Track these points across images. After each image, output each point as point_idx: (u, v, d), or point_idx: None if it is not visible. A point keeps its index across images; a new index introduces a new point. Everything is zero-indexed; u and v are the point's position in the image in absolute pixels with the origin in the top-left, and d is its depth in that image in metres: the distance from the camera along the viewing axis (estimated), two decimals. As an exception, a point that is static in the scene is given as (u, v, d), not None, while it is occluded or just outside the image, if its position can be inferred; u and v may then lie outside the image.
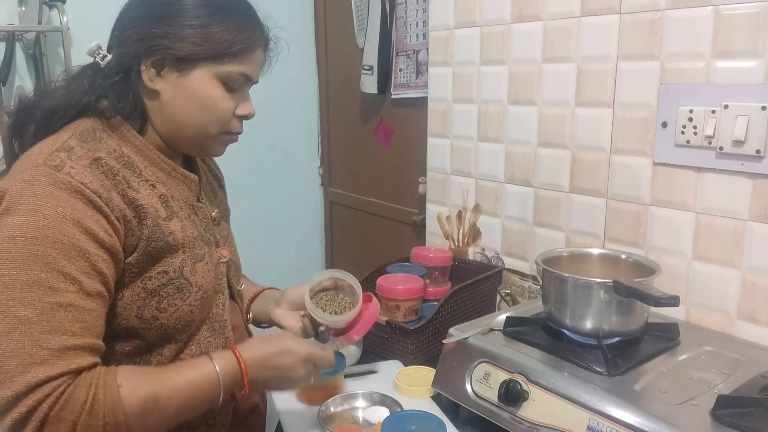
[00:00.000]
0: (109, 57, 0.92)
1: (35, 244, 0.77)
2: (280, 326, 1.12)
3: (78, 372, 0.78)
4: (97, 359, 0.81)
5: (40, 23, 1.75)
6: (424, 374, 1.19)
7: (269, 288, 1.21)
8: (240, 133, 0.99)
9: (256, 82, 0.99)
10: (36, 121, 0.91)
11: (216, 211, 1.06)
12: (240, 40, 0.92)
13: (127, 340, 0.91)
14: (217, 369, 0.86)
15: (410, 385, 1.16)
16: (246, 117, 0.98)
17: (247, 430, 1.10)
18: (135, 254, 0.87)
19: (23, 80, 1.88)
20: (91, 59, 0.94)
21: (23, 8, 1.82)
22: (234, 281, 1.08)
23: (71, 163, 0.83)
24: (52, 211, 0.79)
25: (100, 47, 0.93)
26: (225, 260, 1.03)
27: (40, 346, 0.75)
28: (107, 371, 0.80)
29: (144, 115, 0.94)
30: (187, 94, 0.91)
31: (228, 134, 0.97)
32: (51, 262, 0.77)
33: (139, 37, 0.89)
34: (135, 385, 0.80)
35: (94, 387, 0.78)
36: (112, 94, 0.91)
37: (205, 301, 0.96)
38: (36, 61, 1.85)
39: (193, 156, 1.05)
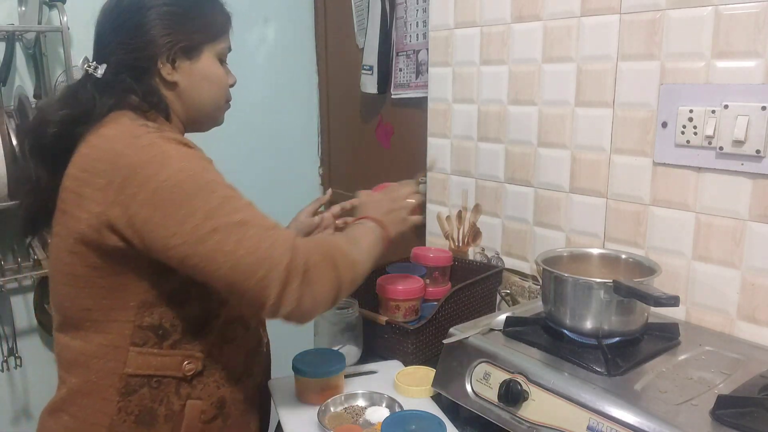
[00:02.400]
0: (102, 68, 1.01)
1: (202, 175, 0.92)
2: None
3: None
4: None
5: (40, 23, 1.75)
6: (424, 374, 1.19)
7: None
8: (231, 100, 1.14)
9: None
10: (52, 133, 0.98)
11: None
12: (224, 20, 1.09)
13: (195, 300, 1.01)
14: (370, 224, 1.12)
15: (410, 385, 1.16)
16: (233, 85, 1.13)
17: (261, 411, 1.18)
18: None
19: (23, 80, 1.87)
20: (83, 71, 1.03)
21: (23, 8, 1.82)
22: None
23: (159, 132, 0.95)
24: (185, 153, 0.93)
25: (88, 59, 1.03)
26: None
27: (267, 227, 0.92)
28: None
29: (167, 107, 1.05)
30: (201, 76, 1.06)
31: (227, 103, 1.13)
32: (220, 182, 0.93)
33: (150, 39, 1.00)
34: (333, 235, 1.12)
35: (317, 239, 1.02)
36: (138, 91, 1.00)
37: None
38: (36, 61, 1.85)
39: (205, 131, 1.15)
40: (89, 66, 1.01)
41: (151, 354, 0.99)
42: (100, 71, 1.00)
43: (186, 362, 1.00)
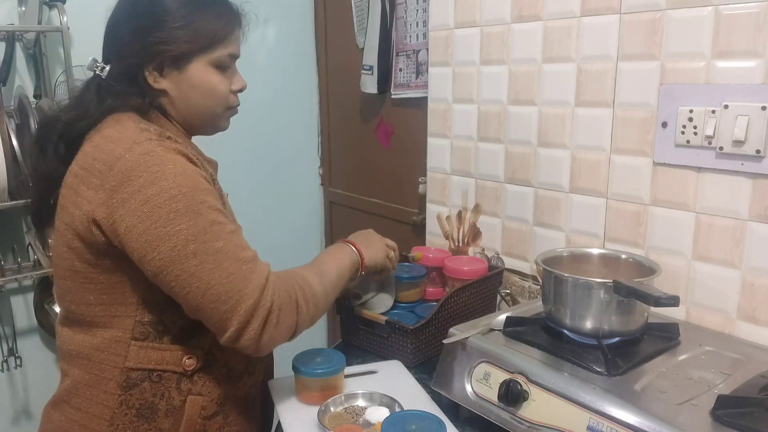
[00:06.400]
0: (108, 68, 1.03)
1: (194, 194, 0.92)
2: None
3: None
4: None
5: (40, 23, 1.75)
6: None
7: None
8: (239, 105, 1.12)
9: (239, 56, 1.10)
10: (58, 131, 1.03)
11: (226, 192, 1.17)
12: (221, 27, 1.05)
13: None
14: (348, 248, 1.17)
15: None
16: (241, 90, 1.11)
17: (264, 409, 1.20)
18: None
19: (23, 80, 1.88)
20: (92, 73, 1.05)
21: (23, 8, 1.82)
22: None
23: (160, 139, 0.96)
24: (183, 169, 0.93)
25: (96, 60, 1.04)
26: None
27: (245, 260, 0.94)
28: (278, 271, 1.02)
29: (163, 109, 1.06)
30: (191, 86, 1.04)
31: (230, 109, 1.11)
32: (210, 205, 0.94)
33: (138, 48, 1.01)
34: (305, 268, 1.06)
35: (289, 276, 0.99)
36: (133, 95, 1.02)
37: None
38: (36, 61, 1.85)
39: (210, 135, 1.15)
40: (96, 66, 1.04)
41: (151, 348, 1.00)
42: (107, 71, 1.03)
43: (186, 357, 1.02)
